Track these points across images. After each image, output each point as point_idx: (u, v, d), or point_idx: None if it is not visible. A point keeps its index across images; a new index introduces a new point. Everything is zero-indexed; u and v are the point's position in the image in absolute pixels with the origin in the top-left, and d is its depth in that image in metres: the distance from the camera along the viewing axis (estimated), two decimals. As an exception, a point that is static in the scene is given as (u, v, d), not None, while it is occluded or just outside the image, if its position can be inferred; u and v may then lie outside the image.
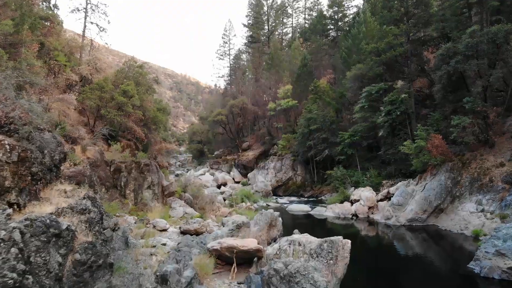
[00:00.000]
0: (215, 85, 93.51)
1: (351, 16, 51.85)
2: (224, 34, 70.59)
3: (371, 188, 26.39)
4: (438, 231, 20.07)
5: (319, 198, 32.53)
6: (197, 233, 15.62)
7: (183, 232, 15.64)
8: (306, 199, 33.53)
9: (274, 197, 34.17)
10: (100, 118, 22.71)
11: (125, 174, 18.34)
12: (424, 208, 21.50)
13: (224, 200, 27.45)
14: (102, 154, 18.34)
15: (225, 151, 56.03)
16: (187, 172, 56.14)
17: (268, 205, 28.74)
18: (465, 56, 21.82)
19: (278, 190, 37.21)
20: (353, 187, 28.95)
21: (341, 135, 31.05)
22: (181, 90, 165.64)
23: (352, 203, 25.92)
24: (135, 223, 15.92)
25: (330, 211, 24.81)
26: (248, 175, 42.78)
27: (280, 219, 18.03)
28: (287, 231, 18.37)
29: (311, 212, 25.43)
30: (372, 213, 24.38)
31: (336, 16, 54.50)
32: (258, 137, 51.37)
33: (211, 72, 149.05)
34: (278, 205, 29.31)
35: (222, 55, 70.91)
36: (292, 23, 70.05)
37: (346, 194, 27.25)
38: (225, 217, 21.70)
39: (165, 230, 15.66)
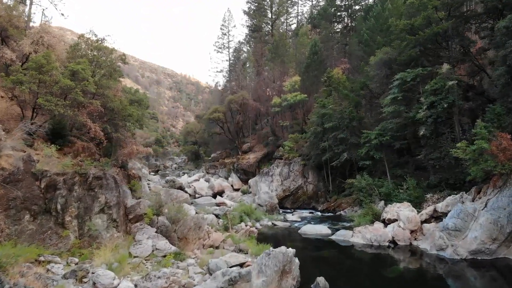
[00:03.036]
0: (213, 80, 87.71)
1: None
2: (222, 25, 64.65)
3: (409, 203, 20.21)
4: (515, 269, 14.24)
5: (337, 213, 26.20)
6: (163, 295, 9.48)
7: (141, 294, 9.49)
8: (320, 213, 27.23)
9: (281, 210, 27.89)
10: (47, 111, 16.58)
11: (63, 192, 12.19)
12: (494, 236, 15.40)
13: (218, 218, 21.29)
14: (30, 162, 12.22)
15: (223, 154, 49.80)
16: (182, 175, 50.17)
17: (275, 225, 22.46)
18: (541, 28, 16.16)
19: (285, 201, 30.86)
20: (382, 201, 22.73)
21: (365, 135, 24.71)
22: (181, 90, 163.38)
23: (385, 223, 19.70)
24: (64, 276, 9.76)
25: (359, 235, 18.50)
26: (249, 181, 36.54)
27: (296, 260, 11.85)
28: (306, 275, 12.25)
29: (333, 237, 19.15)
30: (415, 239, 18.15)
31: (348, 2, 48.27)
32: (260, 137, 45.17)
33: (209, 66, 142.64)
34: (288, 224, 22.99)
35: (220, 48, 64.99)
36: (297, 12, 63.73)
37: (375, 211, 20.95)
38: (217, 248, 15.63)
39: (111, 289, 9.49)
